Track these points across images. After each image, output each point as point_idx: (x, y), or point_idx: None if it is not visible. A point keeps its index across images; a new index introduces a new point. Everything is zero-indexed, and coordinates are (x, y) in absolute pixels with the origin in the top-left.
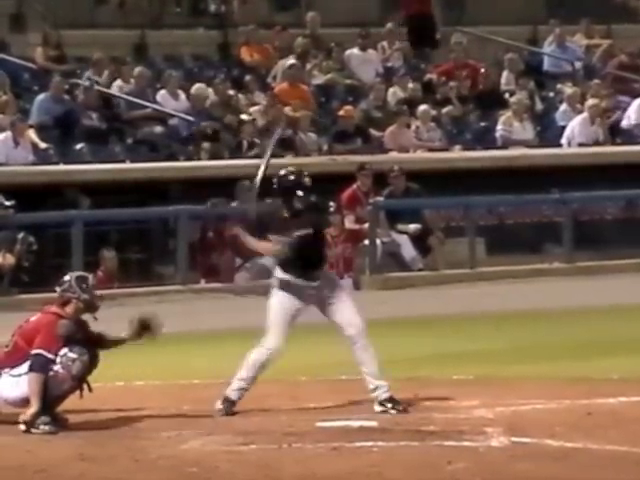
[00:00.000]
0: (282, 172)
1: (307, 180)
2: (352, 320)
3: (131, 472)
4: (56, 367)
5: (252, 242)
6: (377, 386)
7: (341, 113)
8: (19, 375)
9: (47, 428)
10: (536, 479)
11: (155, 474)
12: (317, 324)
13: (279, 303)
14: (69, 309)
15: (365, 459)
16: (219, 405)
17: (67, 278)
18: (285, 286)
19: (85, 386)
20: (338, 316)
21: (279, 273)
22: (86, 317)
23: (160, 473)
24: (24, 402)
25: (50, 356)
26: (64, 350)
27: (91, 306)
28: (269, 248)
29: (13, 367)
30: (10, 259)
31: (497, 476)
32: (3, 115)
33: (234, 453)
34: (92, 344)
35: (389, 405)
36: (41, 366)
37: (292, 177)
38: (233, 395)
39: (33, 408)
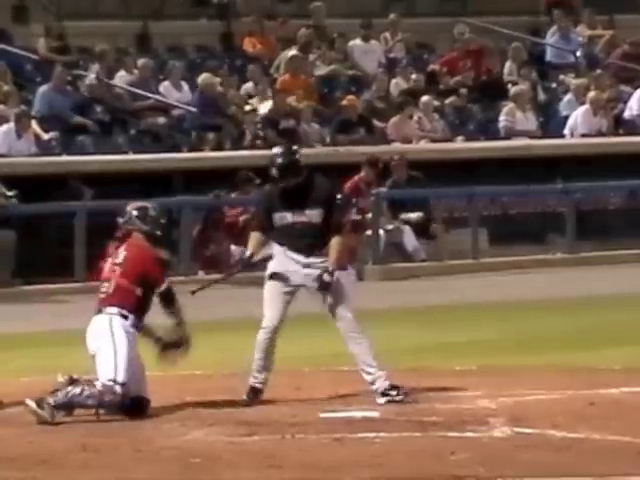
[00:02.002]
0: (275, 150)
1: (280, 160)
2: (341, 314)
3: (134, 462)
4: (98, 383)
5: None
6: (375, 378)
7: (344, 102)
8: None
9: (56, 413)
10: (539, 469)
11: (158, 464)
12: (320, 315)
13: (269, 280)
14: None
15: (368, 450)
16: (244, 396)
17: (128, 209)
18: (277, 257)
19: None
20: (329, 307)
21: (275, 246)
22: None
23: (163, 463)
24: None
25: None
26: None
27: (153, 238)
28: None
29: (123, 307)
30: None
31: (500, 466)
32: (5, 106)
33: (237, 444)
34: None
35: (393, 393)
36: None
37: (272, 158)
38: (253, 382)
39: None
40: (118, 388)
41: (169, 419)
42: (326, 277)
